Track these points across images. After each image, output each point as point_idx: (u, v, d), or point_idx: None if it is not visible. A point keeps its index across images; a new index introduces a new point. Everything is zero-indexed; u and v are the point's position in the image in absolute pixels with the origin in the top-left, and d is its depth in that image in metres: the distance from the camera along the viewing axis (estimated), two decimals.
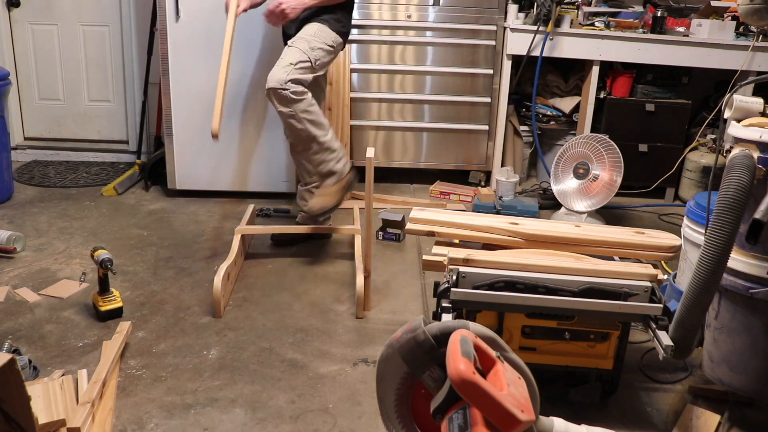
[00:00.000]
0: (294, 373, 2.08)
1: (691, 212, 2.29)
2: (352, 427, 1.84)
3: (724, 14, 3.90)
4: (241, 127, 3.68)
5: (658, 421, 1.93)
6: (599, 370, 1.92)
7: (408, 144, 4.11)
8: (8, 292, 2.53)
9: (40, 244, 3.03)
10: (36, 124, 4.66)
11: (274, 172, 3.77)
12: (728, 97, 1.72)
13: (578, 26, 3.84)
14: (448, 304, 1.77)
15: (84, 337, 2.25)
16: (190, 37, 3.52)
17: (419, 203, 3.80)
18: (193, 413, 1.87)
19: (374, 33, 3.92)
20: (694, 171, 3.97)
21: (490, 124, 4.08)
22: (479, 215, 2.25)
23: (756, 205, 1.54)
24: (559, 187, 3.57)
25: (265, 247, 3.12)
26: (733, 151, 1.63)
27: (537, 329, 1.89)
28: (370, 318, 2.47)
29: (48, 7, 4.42)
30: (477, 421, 1.07)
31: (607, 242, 2.02)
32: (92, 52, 4.52)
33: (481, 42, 3.93)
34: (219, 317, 2.42)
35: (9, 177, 3.64)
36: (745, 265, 1.69)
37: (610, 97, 3.97)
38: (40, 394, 1.76)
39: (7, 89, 3.55)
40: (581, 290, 1.78)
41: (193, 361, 2.13)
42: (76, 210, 3.49)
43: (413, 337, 1.23)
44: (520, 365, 1.24)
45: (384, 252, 3.11)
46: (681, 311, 1.64)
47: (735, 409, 1.94)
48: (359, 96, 4.00)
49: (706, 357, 1.86)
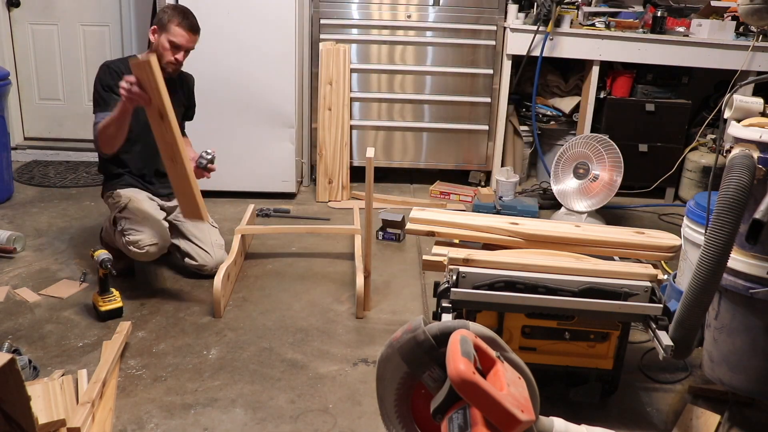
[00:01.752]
0: (294, 373, 2.08)
1: (691, 212, 2.29)
2: (352, 427, 1.84)
3: (724, 14, 3.90)
4: (240, 127, 3.68)
5: (658, 421, 1.93)
6: (599, 370, 1.92)
7: (408, 144, 4.11)
8: (8, 292, 2.53)
9: (40, 244, 3.03)
10: (36, 124, 4.66)
11: (274, 172, 3.77)
12: (728, 97, 1.72)
13: (578, 26, 3.84)
14: (448, 304, 1.77)
15: (84, 337, 2.25)
16: None
17: (419, 203, 3.80)
18: (193, 413, 1.87)
19: (374, 33, 3.93)
20: (694, 171, 3.97)
21: (490, 124, 4.08)
22: (479, 215, 2.25)
23: (756, 205, 1.54)
24: (559, 187, 3.57)
25: (266, 247, 3.12)
26: (733, 151, 1.63)
27: (537, 329, 1.89)
28: (370, 318, 2.47)
29: (48, 7, 4.42)
30: (477, 421, 1.08)
31: (607, 242, 2.02)
32: (92, 52, 4.52)
33: (481, 42, 3.93)
34: (219, 317, 2.42)
35: (9, 177, 3.64)
36: (745, 265, 1.69)
37: (610, 97, 3.97)
38: (40, 394, 1.76)
39: (7, 89, 3.55)
40: (581, 290, 1.78)
41: (193, 361, 2.13)
42: (76, 210, 3.49)
43: (413, 337, 1.23)
44: (520, 365, 1.24)
45: (384, 252, 3.11)
46: (681, 311, 1.64)
47: (735, 409, 1.94)
48: (359, 96, 4.00)
49: (706, 357, 1.86)
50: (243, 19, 3.53)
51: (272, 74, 3.61)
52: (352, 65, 3.93)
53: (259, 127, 3.69)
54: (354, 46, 3.93)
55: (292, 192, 3.84)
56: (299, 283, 2.75)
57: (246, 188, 3.77)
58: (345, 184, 3.88)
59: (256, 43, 3.56)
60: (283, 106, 3.67)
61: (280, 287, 2.70)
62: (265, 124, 3.69)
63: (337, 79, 3.84)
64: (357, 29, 3.92)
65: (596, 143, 3.44)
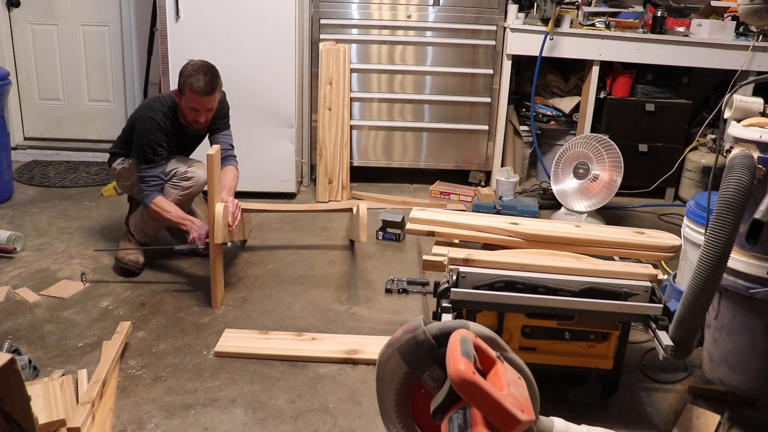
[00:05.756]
0: (294, 373, 2.08)
1: (691, 212, 2.29)
2: (352, 427, 1.84)
3: (724, 14, 3.90)
4: (240, 127, 3.67)
5: (658, 421, 1.93)
6: (599, 370, 1.92)
7: (408, 144, 4.11)
8: (8, 292, 2.53)
9: (40, 244, 3.03)
10: (36, 124, 4.66)
11: (274, 172, 3.77)
12: (728, 97, 1.72)
13: (578, 26, 3.84)
14: (448, 304, 1.77)
15: (84, 337, 2.25)
16: (190, 37, 3.52)
17: (419, 203, 3.80)
18: (193, 413, 1.87)
19: (374, 33, 3.92)
20: (694, 171, 3.97)
21: (490, 124, 4.08)
22: (479, 215, 2.25)
23: (756, 205, 1.54)
24: (559, 187, 3.57)
25: (266, 246, 3.12)
26: (733, 151, 1.62)
27: (537, 329, 1.89)
28: (370, 318, 2.47)
29: (48, 7, 4.42)
30: (477, 421, 1.08)
31: (607, 242, 2.02)
32: (92, 52, 4.52)
33: (481, 42, 3.93)
34: (225, 244, 2.49)
35: (9, 177, 3.64)
36: (745, 265, 1.69)
37: (610, 97, 3.97)
38: (40, 394, 1.76)
39: (7, 89, 3.55)
40: (581, 290, 1.78)
41: (193, 361, 2.13)
42: (76, 210, 3.49)
43: (413, 337, 1.23)
44: (520, 365, 1.24)
45: (384, 252, 3.11)
46: (681, 311, 1.64)
47: (735, 409, 1.94)
48: (359, 96, 4.00)
49: (706, 357, 1.86)
50: (243, 20, 3.53)
51: (272, 74, 3.61)
52: (352, 65, 3.93)
53: (259, 127, 3.69)
54: (354, 46, 3.93)
55: (292, 192, 3.84)
56: (299, 283, 2.75)
57: (246, 188, 3.75)
58: (345, 184, 3.88)
59: (256, 44, 3.56)
60: (283, 106, 3.67)
61: (280, 287, 2.70)
62: (265, 124, 3.69)
63: (337, 79, 3.84)
64: (357, 29, 3.92)
65: (596, 143, 3.44)
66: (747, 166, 1.53)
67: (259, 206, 3.12)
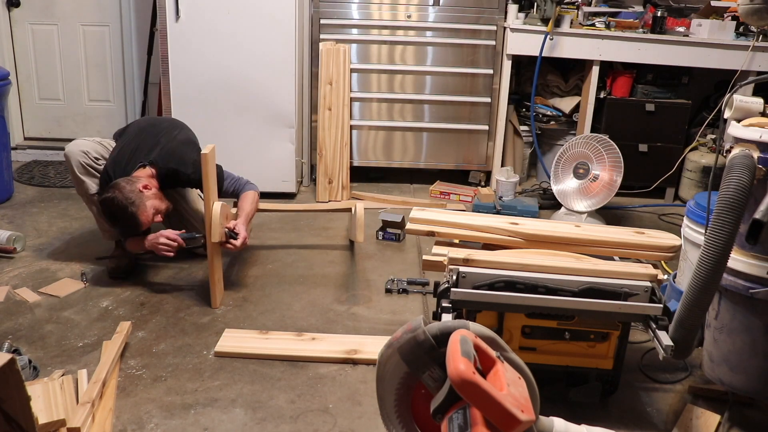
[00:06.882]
0: (294, 373, 2.08)
1: (691, 212, 2.29)
2: (352, 427, 1.84)
3: (724, 14, 3.90)
4: (240, 128, 3.68)
5: (658, 421, 1.93)
6: (599, 370, 1.92)
7: (408, 144, 4.11)
8: (8, 292, 2.53)
9: (40, 244, 3.03)
10: (36, 124, 4.66)
11: (274, 172, 3.77)
12: (728, 97, 1.72)
13: (578, 26, 3.84)
14: (448, 304, 1.77)
15: (84, 337, 2.25)
16: (190, 37, 3.52)
17: (419, 203, 3.80)
18: (193, 413, 1.87)
19: (374, 33, 3.93)
20: (694, 171, 3.97)
21: (490, 124, 4.08)
22: (479, 215, 2.25)
23: (756, 205, 1.54)
24: (559, 187, 3.57)
25: (266, 246, 3.12)
26: (733, 151, 1.62)
27: (537, 329, 1.89)
28: (370, 318, 2.47)
29: (48, 7, 4.42)
30: (477, 421, 1.08)
31: (607, 242, 2.02)
32: (92, 52, 4.52)
33: (481, 42, 3.93)
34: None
35: (9, 177, 3.64)
36: (745, 265, 1.69)
37: (610, 97, 3.97)
38: (40, 394, 1.76)
39: (7, 89, 3.55)
40: (581, 290, 1.78)
41: (193, 361, 2.13)
42: (76, 210, 3.49)
43: (413, 337, 1.23)
44: (520, 365, 1.24)
45: (384, 252, 3.11)
46: (681, 311, 1.64)
47: (735, 409, 1.94)
48: (359, 96, 4.00)
49: (706, 357, 1.86)
50: (243, 19, 3.53)
51: (272, 74, 3.61)
52: (352, 65, 3.93)
53: (259, 127, 3.69)
54: (354, 46, 3.93)
55: (292, 192, 3.84)
56: (299, 283, 2.75)
57: None
58: (345, 184, 3.88)
59: (256, 43, 3.56)
60: (283, 106, 3.67)
61: (280, 287, 2.70)
62: (265, 124, 3.69)
63: (337, 79, 3.84)
64: (357, 29, 3.92)
65: (596, 143, 3.44)
66: (747, 166, 1.53)
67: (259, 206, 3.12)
